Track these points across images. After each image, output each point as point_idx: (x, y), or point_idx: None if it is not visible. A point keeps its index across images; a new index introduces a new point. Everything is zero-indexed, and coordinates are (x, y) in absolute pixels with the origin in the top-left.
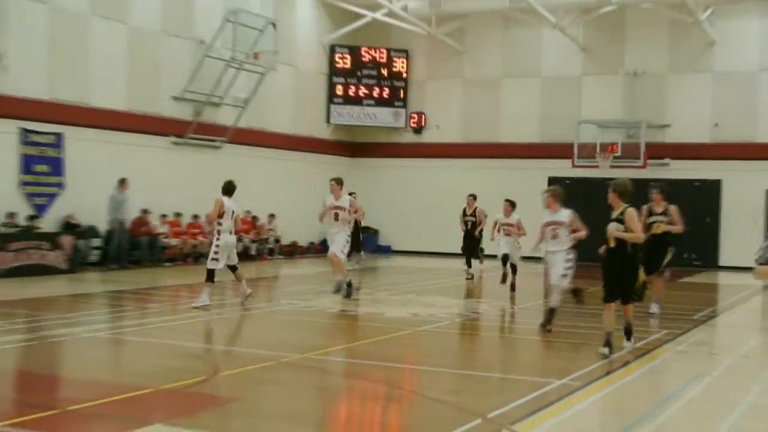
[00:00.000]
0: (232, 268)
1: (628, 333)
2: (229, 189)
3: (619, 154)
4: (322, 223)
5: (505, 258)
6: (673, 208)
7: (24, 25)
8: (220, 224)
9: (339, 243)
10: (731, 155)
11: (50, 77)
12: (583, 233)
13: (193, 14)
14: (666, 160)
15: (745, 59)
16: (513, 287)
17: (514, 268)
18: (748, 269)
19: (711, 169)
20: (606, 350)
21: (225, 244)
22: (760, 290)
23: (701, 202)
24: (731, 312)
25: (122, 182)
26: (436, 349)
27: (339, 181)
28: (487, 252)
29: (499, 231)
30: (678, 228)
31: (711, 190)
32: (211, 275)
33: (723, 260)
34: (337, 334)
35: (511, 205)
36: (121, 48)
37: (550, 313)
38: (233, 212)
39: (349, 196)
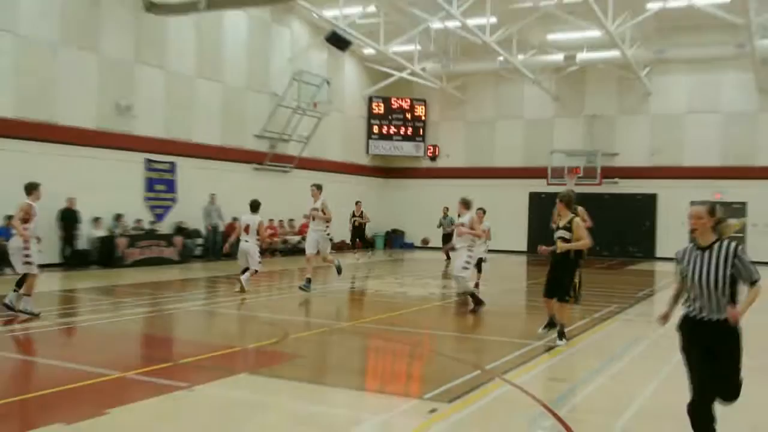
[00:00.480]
0: (244, 270)
1: (551, 324)
2: (252, 205)
3: (581, 174)
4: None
5: (479, 263)
6: (578, 221)
7: (147, 85)
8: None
9: (310, 244)
10: (664, 175)
11: (166, 122)
12: (476, 232)
13: (269, 75)
14: (616, 179)
15: (673, 105)
16: (476, 285)
17: (479, 266)
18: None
19: (649, 186)
20: (543, 330)
21: (239, 249)
22: None
23: (642, 211)
24: (665, 290)
25: (212, 197)
26: (446, 319)
27: (318, 187)
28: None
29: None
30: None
31: (649, 201)
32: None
33: (659, 253)
34: (373, 307)
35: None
36: (218, 100)
37: (473, 297)
38: (248, 225)
39: (322, 201)
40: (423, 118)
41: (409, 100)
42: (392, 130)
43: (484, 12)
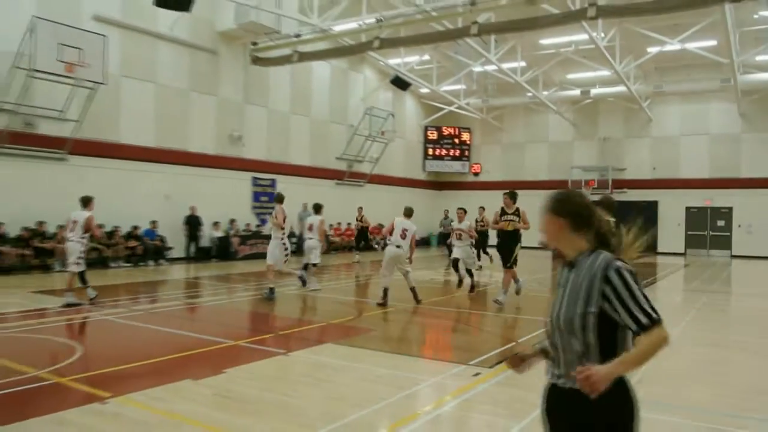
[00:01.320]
0: (305, 266)
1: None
2: (315, 208)
3: (596, 186)
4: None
5: (455, 262)
6: (522, 210)
7: (253, 120)
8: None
9: (270, 254)
10: (664, 186)
11: (268, 148)
12: (472, 233)
13: (347, 110)
14: (624, 189)
15: (670, 129)
16: (472, 289)
17: (469, 271)
18: (675, 254)
19: (651, 195)
20: (501, 298)
21: (305, 246)
22: (681, 267)
23: (646, 214)
24: (665, 279)
25: (304, 205)
26: (490, 302)
27: (278, 198)
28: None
29: (459, 237)
30: (526, 226)
31: (652, 207)
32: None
33: (660, 248)
34: (431, 292)
35: (464, 211)
36: (307, 130)
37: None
38: (311, 224)
39: (279, 207)
40: (468, 142)
41: (456, 128)
42: (443, 152)
43: (516, 58)
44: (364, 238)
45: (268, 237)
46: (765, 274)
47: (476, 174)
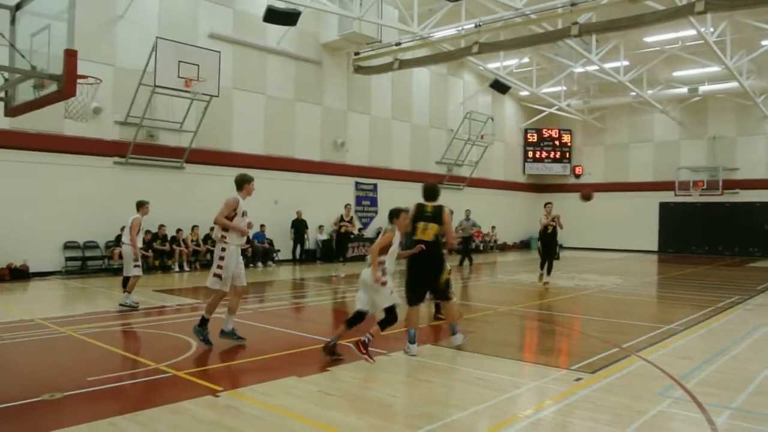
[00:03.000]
0: None
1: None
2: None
3: (705, 187)
4: None
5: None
6: (557, 217)
7: (356, 127)
8: None
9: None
10: None
11: (370, 154)
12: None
13: (447, 115)
14: (737, 190)
15: None
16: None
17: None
18: None
19: (767, 195)
20: (413, 348)
21: None
22: None
23: (762, 216)
24: None
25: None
26: (590, 306)
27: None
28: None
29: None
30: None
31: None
32: None
33: None
34: (528, 295)
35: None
36: (408, 135)
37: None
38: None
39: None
40: (569, 144)
41: (557, 130)
42: (543, 154)
43: (618, 57)
44: (346, 242)
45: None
46: None
47: (578, 176)
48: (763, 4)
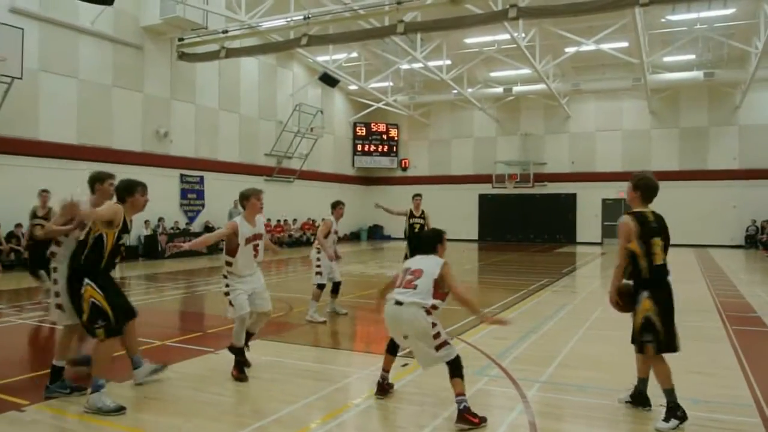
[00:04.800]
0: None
1: None
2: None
3: (518, 179)
4: None
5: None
6: (426, 212)
7: (180, 117)
8: None
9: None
10: (582, 179)
11: (196, 145)
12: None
13: (276, 107)
14: (545, 183)
15: (587, 125)
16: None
17: None
18: (592, 243)
19: (570, 188)
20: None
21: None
22: (599, 255)
23: (565, 206)
24: (584, 267)
25: (235, 202)
26: None
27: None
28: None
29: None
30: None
31: (571, 199)
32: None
33: (578, 239)
34: (360, 285)
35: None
36: (236, 127)
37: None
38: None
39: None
40: (396, 138)
41: (385, 125)
42: (372, 148)
43: (441, 56)
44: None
45: (196, 235)
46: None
47: (404, 169)
48: (565, 14)
